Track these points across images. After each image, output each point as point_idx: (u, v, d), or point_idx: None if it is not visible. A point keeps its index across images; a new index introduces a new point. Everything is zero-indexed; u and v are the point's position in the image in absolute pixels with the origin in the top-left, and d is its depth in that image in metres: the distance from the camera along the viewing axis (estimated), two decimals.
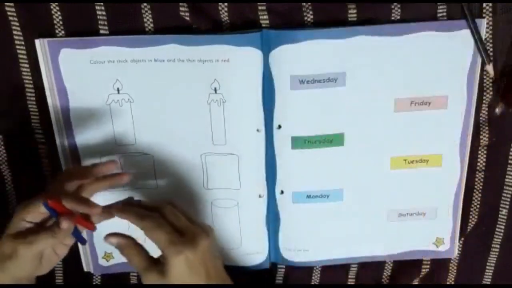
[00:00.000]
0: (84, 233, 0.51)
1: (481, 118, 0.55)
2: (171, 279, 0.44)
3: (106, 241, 0.47)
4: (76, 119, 0.52)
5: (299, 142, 0.54)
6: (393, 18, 0.51)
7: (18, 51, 0.51)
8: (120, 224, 0.55)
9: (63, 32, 0.50)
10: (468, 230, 0.60)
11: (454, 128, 0.54)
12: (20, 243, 0.45)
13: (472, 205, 0.59)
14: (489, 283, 0.62)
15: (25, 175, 0.56)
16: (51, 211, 0.45)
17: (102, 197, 0.51)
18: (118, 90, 0.51)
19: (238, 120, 0.53)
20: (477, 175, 0.57)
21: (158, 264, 0.46)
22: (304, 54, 0.50)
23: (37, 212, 0.46)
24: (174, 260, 0.44)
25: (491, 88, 0.54)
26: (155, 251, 0.46)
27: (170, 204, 0.48)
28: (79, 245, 0.57)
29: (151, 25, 0.50)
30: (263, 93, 0.52)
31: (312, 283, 0.61)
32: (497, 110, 0.55)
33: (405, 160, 0.55)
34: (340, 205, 0.57)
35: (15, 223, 0.46)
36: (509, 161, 0.57)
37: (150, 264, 0.46)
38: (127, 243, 0.47)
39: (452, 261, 0.61)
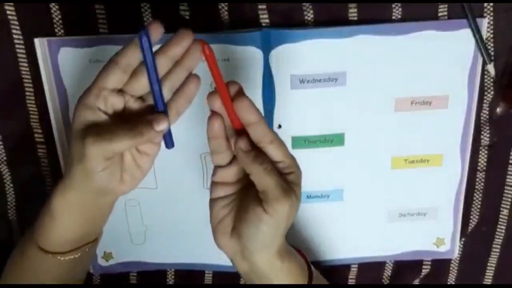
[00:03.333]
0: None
1: (482, 118, 0.55)
2: (298, 202, 0.42)
3: (237, 146, 0.40)
4: None
5: (299, 142, 0.54)
6: (394, 18, 0.51)
7: (18, 50, 0.51)
8: (120, 222, 0.56)
9: (62, 31, 0.50)
10: (469, 230, 0.60)
11: (455, 128, 0.54)
12: (90, 142, 0.38)
13: (473, 206, 0.59)
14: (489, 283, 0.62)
15: (25, 175, 0.56)
16: (147, 47, 0.37)
17: None
18: None
19: None
20: (478, 175, 0.57)
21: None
22: (305, 54, 0.50)
23: (114, 72, 0.39)
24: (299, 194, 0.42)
25: (492, 88, 0.54)
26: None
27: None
28: None
29: None
30: (263, 93, 0.51)
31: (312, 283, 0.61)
32: (498, 110, 0.54)
33: (405, 160, 0.55)
34: (340, 205, 0.57)
35: (78, 114, 0.39)
36: (510, 161, 0.57)
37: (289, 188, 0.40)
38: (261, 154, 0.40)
39: (452, 262, 0.61)
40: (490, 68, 0.52)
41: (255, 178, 0.40)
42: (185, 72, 0.41)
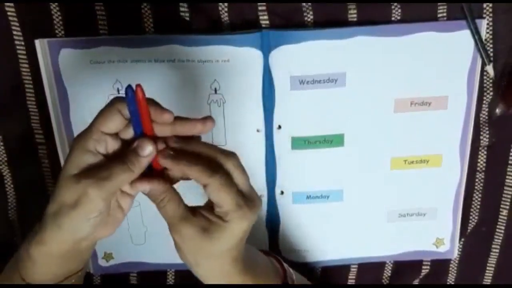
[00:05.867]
0: None
1: (481, 118, 0.55)
2: (213, 241, 0.40)
3: (134, 189, 0.40)
4: (76, 119, 0.52)
5: (299, 143, 0.54)
6: (393, 19, 0.51)
7: (18, 51, 0.51)
8: None
9: (63, 32, 0.50)
10: (468, 231, 0.60)
11: (454, 128, 0.54)
12: (90, 183, 0.37)
13: (472, 206, 0.59)
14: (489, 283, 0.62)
15: (25, 175, 0.56)
16: (133, 109, 0.37)
17: None
18: (118, 90, 0.51)
19: (238, 121, 0.53)
20: (477, 176, 0.57)
21: (199, 218, 0.40)
22: (304, 55, 0.50)
23: (117, 119, 0.38)
24: (237, 225, 0.39)
25: (491, 89, 0.54)
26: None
27: (236, 156, 0.41)
28: None
29: (151, 25, 0.50)
30: (263, 94, 0.52)
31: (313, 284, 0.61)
32: (497, 111, 0.55)
33: (405, 160, 0.55)
34: (340, 205, 0.57)
35: (76, 157, 0.38)
36: (509, 162, 0.57)
37: (188, 215, 0.40)
38: (161, 188, 0.40)
39: (452, 262, 0.61)
40: (489, 69, 0.52)
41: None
42: None
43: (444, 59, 0.51)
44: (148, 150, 0.38)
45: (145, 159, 0.38)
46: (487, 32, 0.51)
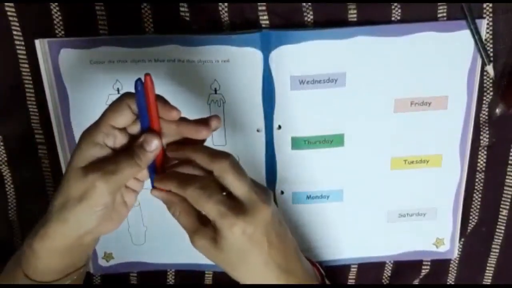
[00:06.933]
0: None
1: (481, 118, 0.55)
2: (225, 251, 0.39)
3: (153, 194, 0.42)
4: (76, 119, 0.52)
5: (299, 143, 0.54)
6: (393, 19, 0.51)
7: (18, 51, 0.51)
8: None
9: (63, 32, 0.50)
10: (468, 231, 0.60)
11: (454, 128, 0.54)
12: (98, 177, 0.37)
13: (472, 206, 0.59)
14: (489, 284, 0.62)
15: (25, 175, 0.56)
16: (142, 102, 0.38)
17: None
18: (118, 90, 0.52)
19: (238, 121, 0.53)
20: (477, 176, 0.57)
21: (209, 227, 0.40)
22: (304, 55, 0.50)
23: (126, 114, 0.38)
24: (228, 233, 0.38)
25: (491, 89, 0.54)
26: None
27: (228, 159, 0.39)
28: None
29: (151, 25, 0.51)
30: (263, 94, 0.52)
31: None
32: (497, 111, 0.55)
33: (405, 160, 0.55)
34: (340, 205, 0.57)
35: (84, 150, 0.38)
36: (509, 162, 0.57)
37: (199, 227, 0.40)
38: (174, 200, 0.41)
39: (452, 262, 0.61)
40: (489, 69, 0.52)
41: None
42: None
43: (444, 59, 0.51)
44: (154, 145, 0.39)
45: (151, 153, 0.39)
46: (487, 32, 0.51)
